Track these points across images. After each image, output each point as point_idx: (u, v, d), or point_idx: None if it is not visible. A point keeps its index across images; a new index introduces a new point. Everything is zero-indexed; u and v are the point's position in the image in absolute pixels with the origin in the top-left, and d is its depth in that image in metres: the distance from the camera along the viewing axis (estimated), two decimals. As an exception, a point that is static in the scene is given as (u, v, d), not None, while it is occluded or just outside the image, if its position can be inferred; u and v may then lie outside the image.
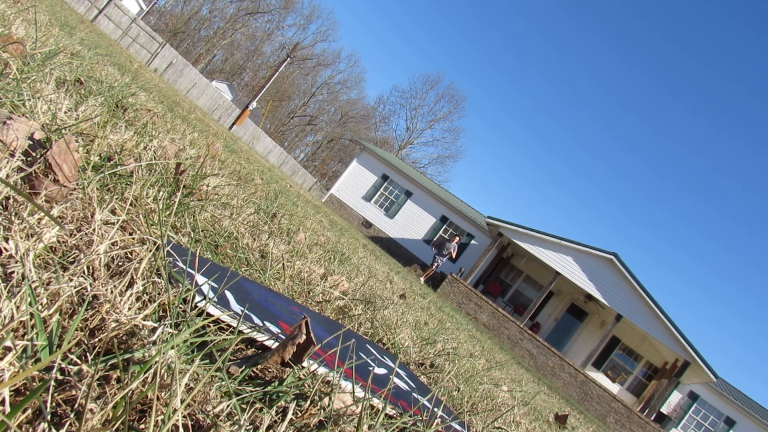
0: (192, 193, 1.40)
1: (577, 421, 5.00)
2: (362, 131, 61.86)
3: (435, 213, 24.15)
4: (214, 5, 54.12)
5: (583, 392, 15.75)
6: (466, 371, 2.07)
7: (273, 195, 3.49)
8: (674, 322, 16.66)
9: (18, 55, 1.46)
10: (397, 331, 1.72)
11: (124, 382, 0.51)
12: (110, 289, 0.64)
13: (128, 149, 1.35)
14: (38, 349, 0.49)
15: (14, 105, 1.11)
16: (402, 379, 1.19)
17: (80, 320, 0.57)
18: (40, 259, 0.65)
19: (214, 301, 0.77)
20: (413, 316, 2.61)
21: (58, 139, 0.87)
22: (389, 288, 3.54)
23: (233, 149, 5.92)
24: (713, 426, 20.68)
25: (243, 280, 1.02)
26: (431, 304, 5.46)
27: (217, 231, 1.34)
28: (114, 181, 1.06)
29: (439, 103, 60.54)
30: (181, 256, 0.88)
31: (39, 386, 0.39)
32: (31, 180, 0.79)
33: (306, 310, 1.21)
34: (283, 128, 60.53)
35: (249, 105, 26.04)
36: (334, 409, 0.72)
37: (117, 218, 0.85)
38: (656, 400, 17.82)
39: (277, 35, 58.64)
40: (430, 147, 71.72)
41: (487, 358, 3.66)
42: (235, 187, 2.27)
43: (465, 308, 16.84)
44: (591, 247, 17.62)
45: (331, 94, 63.39)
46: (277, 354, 0.74)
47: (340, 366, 0.85)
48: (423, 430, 0.88)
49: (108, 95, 1.98)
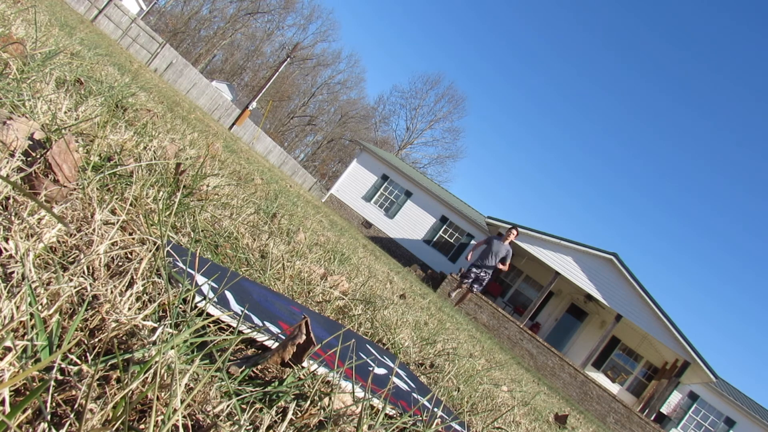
0: (192, 193, 1.40)
1: (577, 421, 5.00)
2: (362, 131, 61.85)
3: (435, 213, 24.15)
4: (214, 5, 54.12)
5: (583, 392, 15.74)
6: (466, 371, 2.07)
7: (273, 195, 3.49)
8: (674, 322, 16.66)
9: (18, 55, 1.46)
10: (397, 331, 1.72)
11: (124, 382, 0.51)
12: (110, 289, 0.64)
13: (128, 149, 1.35)
14: (38, 349, 0.49)
15: (14, 105, 1.11)
16: (402, 379, 1.19)
17: (80, 320, 0.57)
18: (40, 259, 0.65)
19: (214, 301, 0.77)
20: (413, 316, 2.61)
21: (58, 139, 0.87)
22: (389, 288, 3.54)
23: (233, 149, 5.92)
24: (713, 426, 20.68)
25: (243, 280, 1.02)
26: (431, 304, 5.46)
27: (217, 231, 1.34)
28: (114, 181, 1.06)
29: (439, 103, 60.57)
30: (181, 256, 0.88)
31: (39, 386, 0.39)
32: (31, 180, 0.79)
33: (306, 310, 1.21)
34: (283, 128, 60.52)
35: (249, 105, 26.04)
36: (334, 409, 0.72)
37: (117, 218, 0.85)
38: (656, 400, 17.82)
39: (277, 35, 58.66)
40: (430, 147, 71.75)
41: (487, 358, 3.66)
42: (235, 187, 2.27)
43: (465, 308, 16.83)
44: (591, 247, 17.62)
45: (331, 94, 63.40)
46: (277, 354, 0.74)
47: (340, 366, 0.85)
48: (423, 430, 0.88)
49: (108, 95, 1.98)
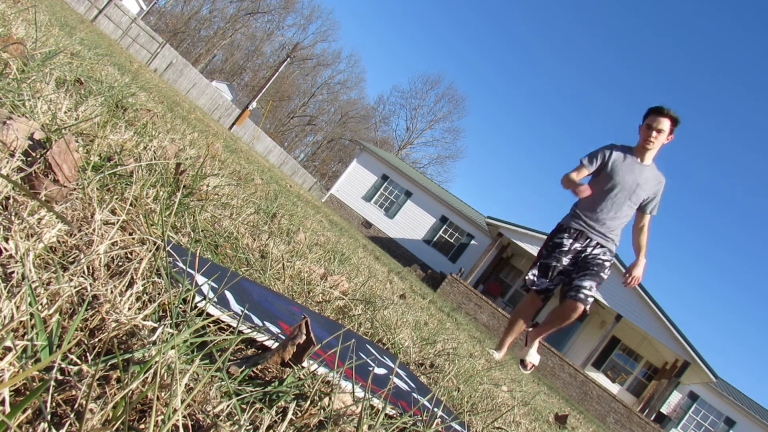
0: (192, 193, 1.40)
1: (577, 421, 5.00)
2: (362, 131, 61.85)
3: (435, 213, 24.15)
4: (214, 5, 54.13)
5: (583, 392, 15.74)
6: (466, 371, 2.07)
7: (273, 195, 3.49)
8: (674, 322, 16.66)
9: (18, 55, 1.46)
10: (397, 331, 1.72)
11: (124, 382, 0.51)
12: (110, 289, 0.64)
13: (128, 149, 1.35)
14: (38, 349, 0.49)
15: (14, 105, 1.11)
16: (402, 379, 1.19)
17: (80, 320, 0.57)
18: (40, 259, 0.65)
19: (214, 301, 0.77)
20: (413, 316, 2.61)
21: (58, 139, 0.87)
22: (389, 288, 3.54)
23: (233, 149, 5.92)
24: (713, 426, 20.68)
25: (243, 280, 1.02)
26: (431, 304, 5.47)
27: (217, 231, 1.34)
28: (114, 181, 1.06)
29: (439, 103, 60.59)
30: (181, 256, 0.88)
31: (39, 386, 0.39)
32: (31, 180, 0.79)
33: (306, 310, 1.21)
34: (283, 128, 60.53)
35: (249, 105, 26.04)
36: (334, 409, 0.72)
37: (117, 218, 0.85)
38: (656, 401, 17.82)
39: (277, 35, 58.66)
40: (430, 147, 71.70)
41: (487, 358, 3.66)
42: (235, 187, 2.27)
43: (465, 308, 16.83)
44: (591, 247, 17.59)
45: (331, 94, 63.41)
46: (277, 354, 0.74)
47: (340, 366, 0.85)
48: (423, 430, 0.88)
49: (108, 95, 1.98)
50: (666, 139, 3.44)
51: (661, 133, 3.39)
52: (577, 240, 3.59)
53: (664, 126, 3.38)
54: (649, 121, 3.43)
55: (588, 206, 3.59)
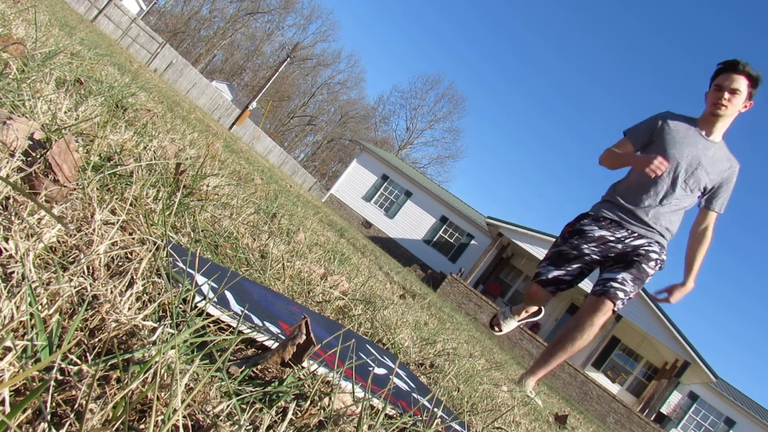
0: (192, 193, 1.40)
1: (577, 421, 5.00)
2: (362, 131, 61.85)
3: (435, 213, 24.15)
4: (214, 5, 54.13)
5: (582, 392, 15.74)
6: (466, 371, 2.07)
7: (273, 195, 3.49)
8: (674, 322, 16.67)
9: (18, 55, 1.46)
10: (397, 332, 1.72)
11: (124, 382, 0.51)
12: (110, 289, 0.64)
13: (128, 149, 1.35)
14: (38, 349, 0.49)
15: (14, 105, 1.11)
16: (402, 380, 1.19)
17: (80, 320, 0.57)
18: (40, 259, 0.65)
19: (214, 302, 0.77)
20: (413, 316, 2.61)
21: (58, 139, 0.87)
22: (389, 288, 3.54)
23: (233, 149, 5.92)
24: (713, 426, 20.68)
25: (243, 280, 1.02)
26: (431, 304, 5.47)
27: (217, 231, 1.34)
28: (114, 181, 1.06)
29: (439, 103, 60.64)
30: (181, 256, 0.88)
31: (39, 386, 0.39)
32: (31, 180, 0.79)
33: (306, 310, 1.21)
34: (283, 128, 60.52)
35: (249, 105, 26.05)
36: (334, 410, 0.72)
37: (117, 218, 0.85)
38: (656, 401, 17.82)
39: (277, 35, 58.67)
40: (430, 147, 71.72)
41: (487, 358, 3.66)
42: (235, 187, 2.27)
43: (465, 308, 16.83)
44: (591, 247, 17.60)
45: (331, 94, 63.42)
46: (277, 354, 0.74)
47: (340, 366, 0.85)
48: (423, 430, 0.88)
49: (108, 95, 1.98)
50: (743, 105, 2.61)
51: (735, 94, 2.55)
52: (609, 230, 2.76)
53: (741, 85, 2.54)
54: (720, 80, 2.59)
55: (629, 190, 2.76)
